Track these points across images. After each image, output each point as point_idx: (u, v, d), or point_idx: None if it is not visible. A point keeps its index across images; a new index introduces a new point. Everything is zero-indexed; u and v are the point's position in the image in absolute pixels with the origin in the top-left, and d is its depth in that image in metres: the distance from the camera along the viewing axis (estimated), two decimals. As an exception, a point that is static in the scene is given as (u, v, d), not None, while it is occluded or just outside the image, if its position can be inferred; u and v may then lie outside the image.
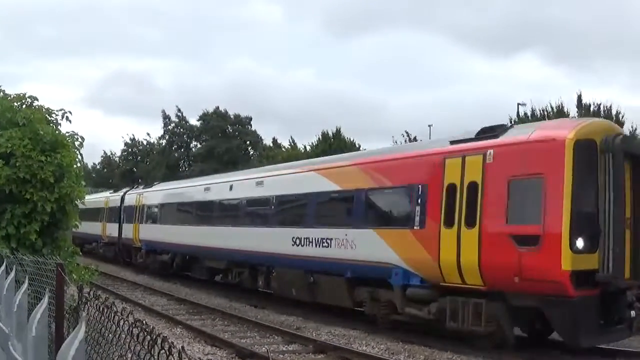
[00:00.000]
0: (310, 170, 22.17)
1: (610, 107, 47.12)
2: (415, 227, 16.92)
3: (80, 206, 15.59)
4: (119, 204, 42.41)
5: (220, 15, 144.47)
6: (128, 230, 39.45)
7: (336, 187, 20.52)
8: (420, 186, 16.99)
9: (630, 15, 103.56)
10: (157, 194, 36.95)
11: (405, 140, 62.00)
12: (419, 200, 16.94)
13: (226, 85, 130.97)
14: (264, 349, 15.44)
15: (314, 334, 17.82)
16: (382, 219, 18.87)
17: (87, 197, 54.40)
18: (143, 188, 41.19)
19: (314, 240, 20.53)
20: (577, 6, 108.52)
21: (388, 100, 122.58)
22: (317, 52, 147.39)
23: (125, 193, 42.76)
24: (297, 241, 21.25)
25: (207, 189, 29.50)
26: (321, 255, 20.16)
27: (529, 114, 52.27)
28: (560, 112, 49.76)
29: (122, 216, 41.32)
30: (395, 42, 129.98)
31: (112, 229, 43.12)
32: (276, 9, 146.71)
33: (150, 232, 35.58)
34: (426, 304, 16.78)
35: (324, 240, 20.06)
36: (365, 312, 19.11)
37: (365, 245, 18.47)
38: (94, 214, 46.41)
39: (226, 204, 27.57)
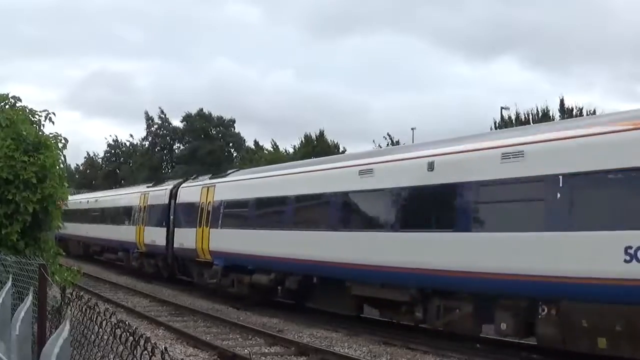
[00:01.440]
0: None
1: (594, 111, 47.41)
2: None
3: (100, 205, 14.92)
4: (166, 202, 32.01)
5: (198, 16, 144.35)
6: (186, 238, 28.67)
7: None
8: None
9: (608, 20, 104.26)
10: (246, 184, 25.45)
11: (388, 144, 62.18)
12: None
13: (206, 86, 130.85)
14: (246, 351, 15.47)
15: (296, 336, 17.85)
16: None
17: (111, 193, 45.42)
18: (211, 178, 29.65)
19: None
20: (554, 10, 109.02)
21: (370, 102, 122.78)
22: (296, 54, 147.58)
23: (178, 187, 31.86)
24: None
25: (365, 173, 18.50)
26: None
27: (513, 117, 52.79)
28: (545, 116, 50.26)
29: (172, 218, 31.09)
30: (374, 44, 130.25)
31: (154, 235, 32.54)
32: (254, 11, 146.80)
33: (234, 240, 24.60)
34: None
35: None
36: None
37: None
38: (121, 214, 38.49)
39: (419, 194, 16.99)
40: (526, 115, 52.05)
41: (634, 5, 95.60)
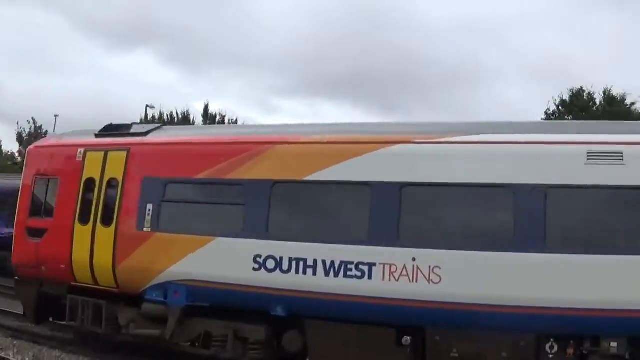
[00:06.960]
0: None
1: (237, 120, 55.58)
2: None
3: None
4: None
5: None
6: None
7: None
8: None
9: (250, 32, 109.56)
10: None
11: (31, 128, 64.51)
12: None
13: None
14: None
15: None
16: None
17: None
18: None
19: None
20: (198, 14, 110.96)
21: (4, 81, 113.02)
22: None
23: None
24: None
25: None
26: None
27: (156, 116, 57.80)
28: (185, 118, 57.50)
29: None
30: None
31: None
32: None
33: None
34: None
35: None
36: None
37: None
38: None
39: None
40: (168, 116, 57.54)
41: (275, 20, 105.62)
